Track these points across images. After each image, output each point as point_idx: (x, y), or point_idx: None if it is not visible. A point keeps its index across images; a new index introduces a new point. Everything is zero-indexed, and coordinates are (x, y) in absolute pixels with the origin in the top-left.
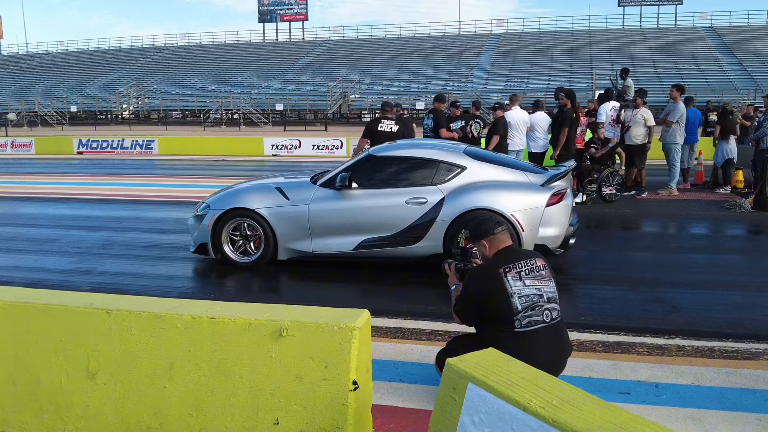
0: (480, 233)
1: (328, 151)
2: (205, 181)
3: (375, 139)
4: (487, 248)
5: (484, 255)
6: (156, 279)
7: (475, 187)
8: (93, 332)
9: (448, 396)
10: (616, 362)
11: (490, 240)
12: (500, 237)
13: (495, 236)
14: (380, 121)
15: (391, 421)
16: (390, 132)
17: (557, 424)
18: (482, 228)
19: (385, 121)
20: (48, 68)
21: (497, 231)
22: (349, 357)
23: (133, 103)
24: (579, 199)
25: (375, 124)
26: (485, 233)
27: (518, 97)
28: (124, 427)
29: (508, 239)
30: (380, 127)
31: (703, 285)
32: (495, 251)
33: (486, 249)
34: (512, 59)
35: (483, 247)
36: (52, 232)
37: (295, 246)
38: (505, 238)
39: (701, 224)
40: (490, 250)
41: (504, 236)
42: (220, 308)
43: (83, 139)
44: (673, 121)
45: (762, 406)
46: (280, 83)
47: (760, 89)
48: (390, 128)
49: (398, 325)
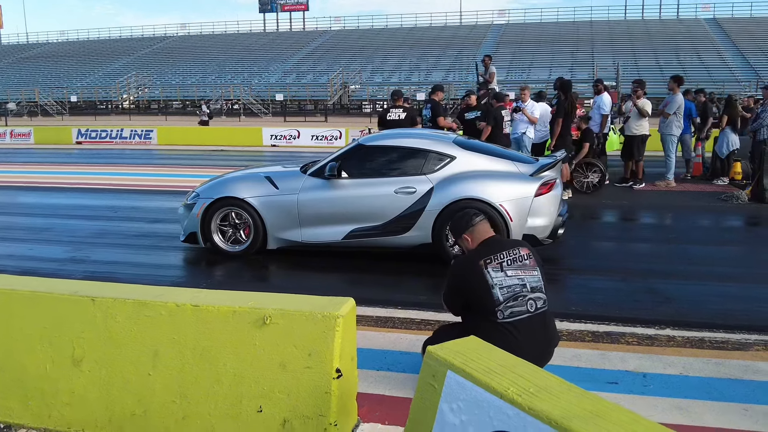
0: (460, 228)
1: (327, 142)
2: (203, 171)
3: (385, 127)
4: (469, 241)
5: (468, 249)
6: (148, 268)
7: (464, 177)
8: (78, 319)
9: (427, 383)
10: (605, 352)
11: (470, 232)
12: (480, 228)
13: (475, 227)
14: (389, 110)
15: (376, 409)
16: (398, 120)
17: (533, 412)
18: (461, 223)
19: (394, 109)
20: (48, 58)
21: (475, 222)
22: (332, 345)
23: (133, 93)
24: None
25: (385, 113)
26: (465, 227)
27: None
28: (108, 414)
29: (490, 229)
30: (389, 116)
31: (696, 276)
32: (478, 243)
33: (469, 242)
34: (514, 50)
35: (466, 241)
36: (48, 221)
37: (285, 235)
38: (485, 228)
39: (697, 215)
40: (473, 242)
41: (484, 226)
42: (204, 296)
43: (82, 129)
44: (670, 113)
45: (750, 396)
46: (280, 73)
47: (762, 81)
48: (398, 116)
49: (388, 314)
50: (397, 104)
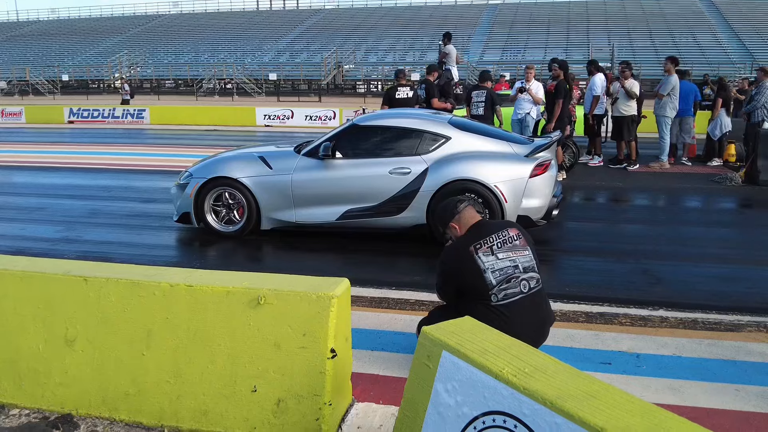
0: (446, 217)
1: (321, 122)
2: (196, 150)
3: (393, 105)
4: (457, 229)
5: (457, 237)
6: (141, 248)
7: (458, 158)
8: (70, 299)
9: (422, 364)
10: (598, 333)
11: (457, 220)
12: (466, 214)
13: (460, 214)
14: (397, 89)
15: (371, 389)
16: (406, 98)
17: (528, 392)
18: (446, 212)
19: (401, 88)
20: (39, 36)
21: (460, 209)
22: (327, 325)
23: (126, 72)
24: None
25: (393, 92)
26: (450, 215)
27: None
28: (102, 394)
29: (476, 213)
30: (398, 95)
31: (690, 258)
32: (466, 229)
33: (457, 230)
34: (509, 30)
35: (453, 229)
36: (41, 200)
37: (278, 216)
38: (471, 214)
39: (691, 197)
40: (460, 229)
41: (470, 212)
42: (198, 276)
43: (74, 108)
44: (663, 94)
45: (741, 377)
46: (273, 53)
47: (757, 63)
48: (406, 94)
49: (382, 295)
50: (402, 83)
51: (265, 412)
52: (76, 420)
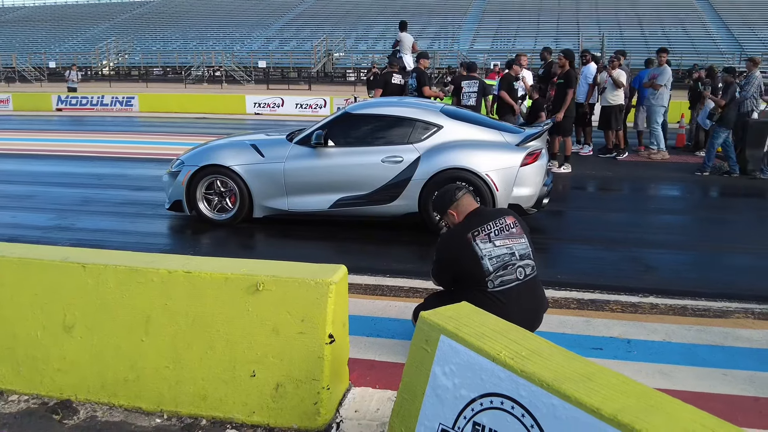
0: (444, 205)
1: (312, 110)
2: (185, 138)
3: (387, 90)
4: (455, 216)
5: (455, 224)
6: (134, 236)
7: (450, 147)
8: (69, 286)
9: (420, 348)
10: (590, 319)
11: (455, 207)
12: (464, 201)
13: (459, 202)
14: (392, 74)
15: (367, 374)
16: (400, 84)
17: (525, 374)
18: (445, 199)
19: (396, 74)
20: (25, 22)
21: (458, 196)
22: (325, 311)
23: (114, 59)
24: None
25: (389, 76)
26: (449, 202)
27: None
28: (101, 380)
29: (474, 201)
30: (393, 80)
31: (679, 245)
32: (464, 216)
33: (455, 217)
34: (499, 19)
35: (451, 216)
36: (30, 188)
37: (271, 204)
38: (469, 201)
39: (680, 186)
40: (458, 216)
41: (468, 199)
42: (196, 263)
43: (62, 96)
44: (661, 84)
45: (729, 362)
46: (262, 40)
47: (746, 54)
48: (400, 81)
49: (377, 282)
50: (395, 70)
51: (264, 397)
52: (75, 405)
